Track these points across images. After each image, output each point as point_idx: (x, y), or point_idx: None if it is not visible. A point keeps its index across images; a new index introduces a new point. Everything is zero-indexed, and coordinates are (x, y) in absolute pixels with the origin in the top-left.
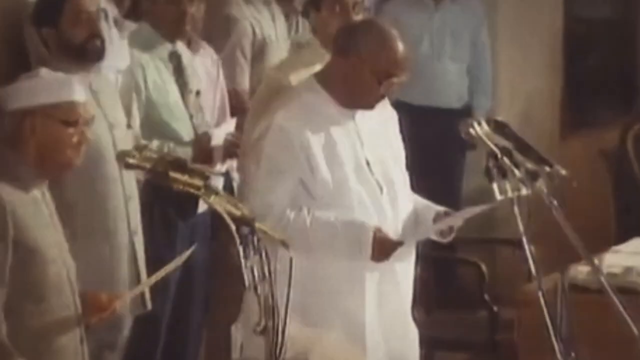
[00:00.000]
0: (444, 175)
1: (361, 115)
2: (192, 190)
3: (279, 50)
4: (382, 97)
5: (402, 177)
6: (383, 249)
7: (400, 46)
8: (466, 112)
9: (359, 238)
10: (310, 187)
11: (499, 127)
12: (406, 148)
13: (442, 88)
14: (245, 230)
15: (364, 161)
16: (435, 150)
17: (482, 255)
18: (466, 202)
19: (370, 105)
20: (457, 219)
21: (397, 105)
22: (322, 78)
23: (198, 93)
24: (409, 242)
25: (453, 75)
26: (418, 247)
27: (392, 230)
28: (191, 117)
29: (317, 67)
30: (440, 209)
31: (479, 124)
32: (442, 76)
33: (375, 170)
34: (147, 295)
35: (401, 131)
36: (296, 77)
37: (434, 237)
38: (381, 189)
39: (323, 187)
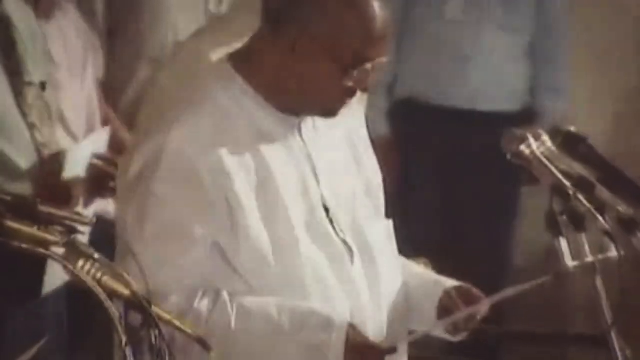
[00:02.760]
0: (482, 227)
1: (311, 126)
2: (42, 252)
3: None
4: (352, 94)
5: (383, 231)
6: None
7: (376, 8)
8: (525, 119)
9: (323, 344)
10: (231, 255)
11: (572, 144)
12: (417, 179)
13: (484, 78)
14: (136, 319)
15: (320, 207)
16: (469, 184)
17: None
18: (518, 270)
19: (328, 111)
20: (483, 305)
21: (405, 106)
22: (244, 63)
23: (44, 86)
24: (402, 346)
25: (503, 57)
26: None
27: (373, 324)
28: (32, 128)
29: None
30: (450, 284)
31: (537, 137)
32: (485, 58)
33: (341, 223)
34: None
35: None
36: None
37: (441, 335)
38: (351, 255)
39: (254, 255)
